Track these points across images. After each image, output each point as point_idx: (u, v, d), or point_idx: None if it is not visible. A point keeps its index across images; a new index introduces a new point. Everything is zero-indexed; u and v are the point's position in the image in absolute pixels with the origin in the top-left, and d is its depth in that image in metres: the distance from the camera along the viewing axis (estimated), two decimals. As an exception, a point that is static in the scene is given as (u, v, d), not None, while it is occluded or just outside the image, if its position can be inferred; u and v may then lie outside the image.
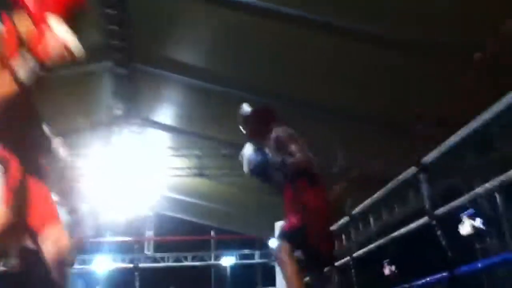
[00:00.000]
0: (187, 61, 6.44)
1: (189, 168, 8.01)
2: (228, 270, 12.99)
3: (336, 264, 6.15)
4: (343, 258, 6.09)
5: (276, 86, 6.11)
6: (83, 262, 12.15)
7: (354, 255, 5.56)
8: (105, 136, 7.93)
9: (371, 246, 5.03)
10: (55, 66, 1.82)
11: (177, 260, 12.56)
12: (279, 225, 6.30)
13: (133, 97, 7.34)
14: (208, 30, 5.72)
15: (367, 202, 5.43)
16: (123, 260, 12.22)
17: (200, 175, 8.00)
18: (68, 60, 1.80)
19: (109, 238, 12.19)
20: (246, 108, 3.50)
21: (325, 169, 6.73)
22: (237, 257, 12.89)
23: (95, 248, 11.99)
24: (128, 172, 8.24)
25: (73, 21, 1.86)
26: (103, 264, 11.94)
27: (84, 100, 7.43)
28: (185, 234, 11.28)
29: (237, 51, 5.73)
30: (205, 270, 12.95)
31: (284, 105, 6.35)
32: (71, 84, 6.70)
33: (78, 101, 7.31)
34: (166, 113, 8.26)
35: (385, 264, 7.74)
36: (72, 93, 7.00)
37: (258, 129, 3.43)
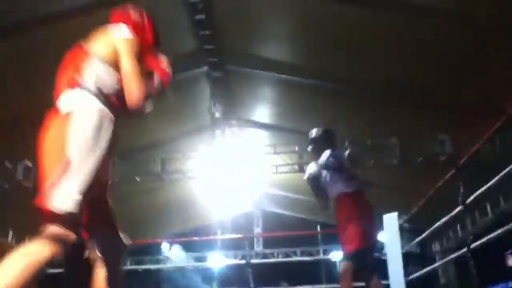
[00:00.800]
0: (277, 58, 6.47)
1: (289, 164, 8.01)
2: (338, 264, 12.81)
3: (452, 256, 5.74)
4: (459, 250, 5.64)
5: (372, 74, 5.92)
6: (199, 259, 12.85)
7: (472, 246, 5.10)
8: (208, 138, 8.25)
9: (491, 236, 4.57)
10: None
11: (286, 255, 12.70)
12: (388, 218, 6.04)
13: (230, 98, 7.55)
14: (295, 23, 5.69)
15: (483, 190, 4.96)
16: (235, 257, 12.66)
17: (301, 170, 7.95)
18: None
19: (220, 236, 12.69)
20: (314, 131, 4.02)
21: (432, 157, 6.36)
22: (346, 251, 12.64)
23: (209, 245, 12.60)
24: (233, 171, 8.46)
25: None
26: (217, 261, 12.47)
27: (185, 106, 7.82)
28: (291, 229, 11.34)
29: (326, 42, 5.63)
30: (315, 265, 12.90)
31: (381, 94, 6.13)
32: (173, 92, 7.11)
33: (180, 107, 7.73)
34: (262, 112, 8.38)
35: (508, 255, 7.12)
36: (175, 100, 7.42)
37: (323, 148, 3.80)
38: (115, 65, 1.96)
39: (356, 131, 7.16)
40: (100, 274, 1.89)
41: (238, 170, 8.30)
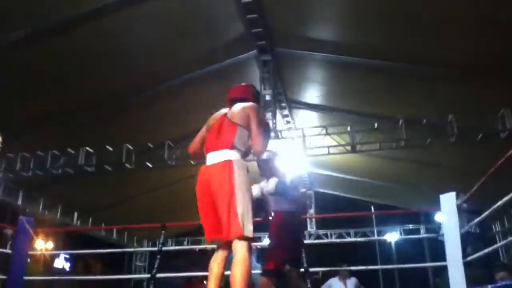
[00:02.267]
0: (325, 38, 6.39)
1: (341, 145, 7.94)
2: (393, 245, 12.63)
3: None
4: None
5: (426, 51, 5.73)
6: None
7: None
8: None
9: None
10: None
11: (340, 236, 12.68)
12: (445, 198, 5.87)
13: (280, 81, 7.56)
14: (344, 1, 5.57)
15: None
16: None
17: (353, 151, 7.87)
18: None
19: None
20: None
21: (492, 134, 6.10)
22: (401, 232, 12.45)
23: (264, 226, 12.76)
24: (284, 153, 8.47)
25: None
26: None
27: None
28: (344, 210, 11.27)
29: (376, 20, 5.49)
30: (369, 246, 12.79)
31: (436, 71, 5.94)
32: (223, 77, 7.23)
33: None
34: (312, 93, 8.32)
35: None
36: (223, 85, 7.53)
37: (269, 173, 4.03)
38: (248, 127, 2.77)
39: (410, 110, 6.97)
40: None
41: (289, 152, 8.32)
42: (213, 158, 2.75)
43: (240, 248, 2.50)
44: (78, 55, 5.87)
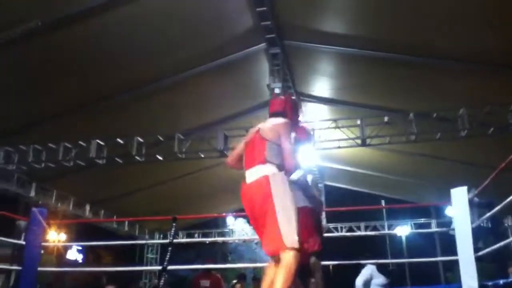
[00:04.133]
0: (334, 31, 6.35)
1: (351, 138, 7.91)
2: (404, 239, 12.58)
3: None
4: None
5: (437, 43, 5.67)
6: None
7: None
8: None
9: None
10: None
11: (350, 230, 12.65)
12: (456, 192, 5.82)
13: (289, 74, 7.53)
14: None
15: None
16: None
17: (364, 144, 7.83)
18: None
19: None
20: None
21: (504, 128, 6.04)
22: (412, 226, 12.39)
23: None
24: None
25: None
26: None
27: (245, 83, 7.92)
28: (354, 204, 11.25)
29: (386, 12, 5.45)
30: (380, 240, 12.76)
31: (447, 63, 5.88)
32: (232, 70, 7.23)
33: (240, 85, 7.84)
34: (322, 86, 8.28)
35: None
36: (233, 78, 7.55)
37: None
38: (278, 143, 2.79)
39: (421, 103, 6.90)
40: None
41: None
42: (251, 175, 2.82)
43: (284, 257, 2.55)
44: (88, 48, 5.91)
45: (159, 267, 5.54)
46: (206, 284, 7.65)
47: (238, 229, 13.34)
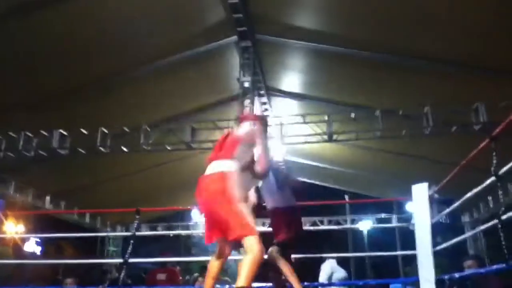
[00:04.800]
0: (307, 26, 6.38)
1: (318, 134, 8.01)
2: (365, 234, 12.87)
3: (482, 227, 5.67)
4: (490, 221, 5.58)
5: (404, 43, 5.80)
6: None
7: (503, 217, 5.04)
8: (238, 107, 8.28)
9: (524, 208, 4.48)
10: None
11: (313, 224, 12.82)
12: (417, 188, 6.00)
13: (259, 68, 7.52)
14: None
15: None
16: (262, 224, 12.84)
17: (330, 140, 7.94)
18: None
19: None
20: None
21: (466, 126, 6.24)
22: (374, 221, 12.69)
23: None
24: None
25: None
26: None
27: (215, 76, 7.86)
28: (318, 199, 11.41)
29: (359, 10, 5.51)
30: (342, 234, 13.01)
31: (413, 62, 6.01)
32: (202, 62, 7.15)
33: (209, 77, 7.77)
34: (291, 81, 8.33)
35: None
36: (203, 71, 7.47)
37: None
38: (251, 145, 3.06)
39: (387, 101, 7.05)
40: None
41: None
42: (211, 168, 3.04)
43: (247, 242, 2.72)
44: (55, 37, 5.71)
45: (120, 260, 5.44)
46: (162, 277, 7.60)
47: (203, 222, 13.28)
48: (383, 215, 12.73)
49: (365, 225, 12.39)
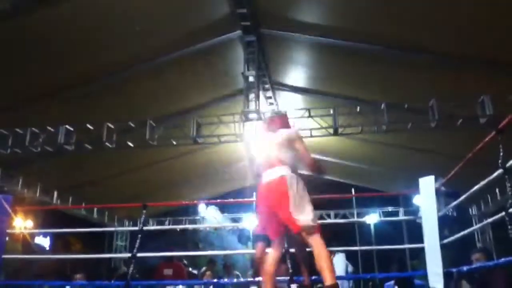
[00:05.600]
0: (311, 20, 6.34)
1: (324, 127, 7.98)
2: (372, 227, 12.85)
3: (490, 220, 5.64)
4: (497, 214, 5.55)
5: (410, 36, 5.76)
6: (234, 220, 13.11)
7: (511, 210, 5.00)
8: (242, 102, 8.27)
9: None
10: None
11: (320, 218, 12.83)
12: (424, 181, 5.98)
13: (264, 62, 7.50)
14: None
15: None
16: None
17: (336, 134, 7.92)
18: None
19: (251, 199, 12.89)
20: None
21: (472, 119, 6.20)
22: (381, 214, 12.66)
23: (244, 207, 12.82)
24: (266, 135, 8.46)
25: None
26: (252, 222, 12.70)
27: (219, 71, 7.84)
28: (324, 192, 11.39)
29: (364, 3, 5.47)
30: (349, 228, 12.99)
31: (419, 55, 5.97)
32: (206, 57, 7.14)
33: (214, 72, 7.76)
34: (296, 75, 8.30)
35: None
36: (207, 66, 7.46)
37: None
38: (293, 148, 3.45)
39: (393, 94, 7.01)
40: None
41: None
42: (269, 175, 3.41)
43: (311, 240, 3.16)
44: (60, 33, 5.72)
45: (128, 255, 5.49)
46: (169, 272, 7.64)
47: (209, 216, 13.32)
48: (390, 209, 12.71)
49: (372, 218, 12.36)
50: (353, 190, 12.13)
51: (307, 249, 4.12)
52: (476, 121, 6.15)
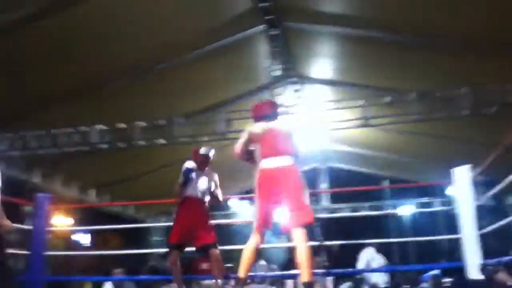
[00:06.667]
0: (336, 11, 6.27)
1: (353, 119, 7.89)
2: (406, 219, 12.64)
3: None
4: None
5: (440, 23, 5.62)
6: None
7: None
8: (269, 97, 8.28)
9: None
10: None
11: (354, 210, 12.69)
12: (459, 170, 5.83)
13: (289, 55, 7.47)
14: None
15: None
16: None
17: (366, 125, 7.81)
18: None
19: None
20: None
21: (507, 106, 6.02)
22: (415, 205, 12.42)
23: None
24: (296, 129, 8.43)
25: None
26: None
27: (245, 66, 7.87)
28: (357, 185, 11.27)
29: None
30: (383, 220, 12.83)
31: (450, 42, 5.81)
32: (229, 53, 7.17)
33: (239, 68, 7.79)
34: (323, 67, 8.23)
35: None
36: (232, 61, 7.49)
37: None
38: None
39: (424, 83, 6.85)
40: None
41: (301, 127, 8.28)
42: (278, 161, 3.39)
43: (303, 234, 3.19)
44: (88, 31, 5.84)
45: (165, 250, 5.62)
46: (205, 266, 7.78)
47: (242, 211, 13.41)
48: (425, 200, 12.45)
49: (406, 210, 12.14)
50: (386, 182, 11.99)
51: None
52: (510, 107, 5.95)
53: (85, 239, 12.73)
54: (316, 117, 7.60)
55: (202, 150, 4.91)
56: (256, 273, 7.34)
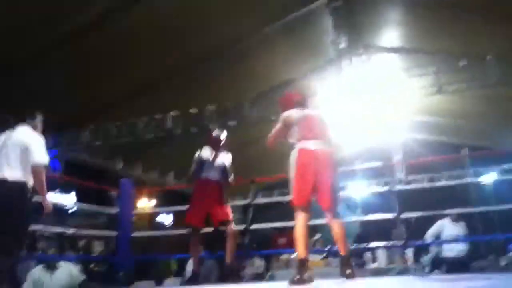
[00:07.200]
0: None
1: (426, 86, 7.57)
2: (489, 187, 11.95)
3: None
4: None
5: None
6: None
7: None
8: (337, 70, 8.16)
9: None
10: None
11: (431, 180, 12.23)
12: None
13: (354, 27, 7.29)
14: None
15: None
16: (377, 185, 12.57)
17: (440, 92, 7.47)
18: None
19: (359, 166, 12.68)
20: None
21: None
22: (498, 172, 11.70)
23: (348, 175, 12.69)
24: (367, 101, 8.26)
25: None
26: (358, 189, 12.52)
27: (309, 42, 7.80)
28: (434, 154, 10.80)
29: None
30: (463, 190, 12.23)
31: None
32: (295, 30, 7.14)
33: (304, 44, 7.74)
34: (390, 35, 7.94)
35: None
36: (298, 37, 7.46)
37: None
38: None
39: (499, 46, 6.40)
40: None
41: (371, 98, 8.09)
42: (320, 144, 3.56)
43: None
44: (157, 27, 6.12)
45: (243, 226, 5.92)
46: (283, 241, 8.02)
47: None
48: (506, 166, 11.68)
49: (489, 178, 11.47)
50: (464, 150, 11.38)
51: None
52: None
53: (168, 219, 13.48)
54: (386, 87, 7.40)
55: (215, 133, 5.19)
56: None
